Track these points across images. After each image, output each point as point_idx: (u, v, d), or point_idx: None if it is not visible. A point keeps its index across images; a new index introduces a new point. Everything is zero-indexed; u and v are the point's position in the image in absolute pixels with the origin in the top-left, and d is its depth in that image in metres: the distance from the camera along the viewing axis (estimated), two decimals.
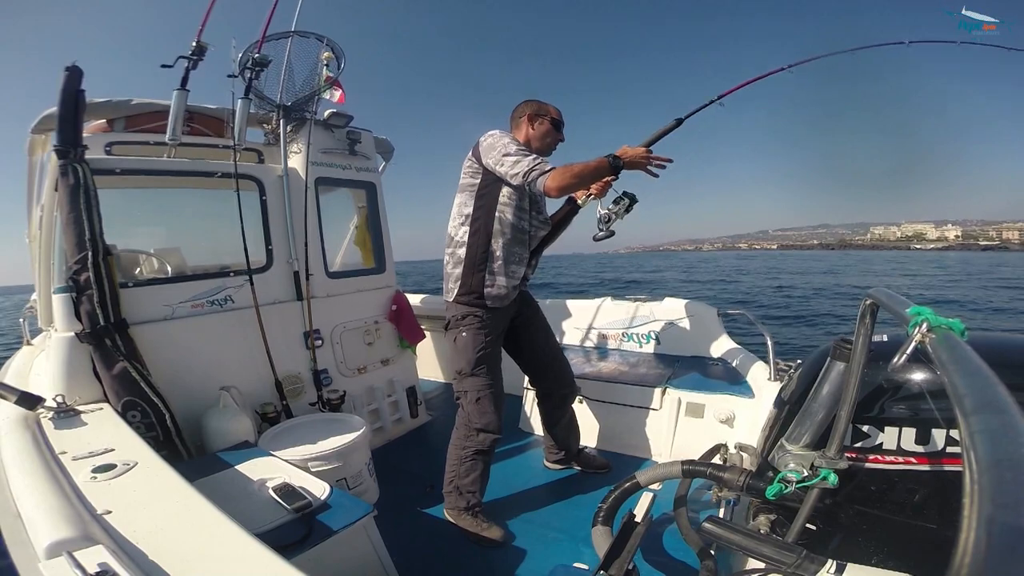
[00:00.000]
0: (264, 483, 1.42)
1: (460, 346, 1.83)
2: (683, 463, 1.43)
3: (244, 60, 2.27)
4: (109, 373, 1.73)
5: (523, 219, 1.83)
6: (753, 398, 2.12)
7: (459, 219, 1.83)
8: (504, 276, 1.81)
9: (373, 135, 3.00)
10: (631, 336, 3.03)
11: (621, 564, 1.20)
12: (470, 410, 1.83)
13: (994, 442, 0.38)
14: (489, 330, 1.83)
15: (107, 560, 0.73)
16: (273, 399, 2.25)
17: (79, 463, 1.13)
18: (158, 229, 2.91)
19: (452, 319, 1.86)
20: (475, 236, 1.79)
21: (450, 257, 1.86)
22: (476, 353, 1.81)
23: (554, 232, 2.04)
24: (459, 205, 1.84)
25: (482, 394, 1.82)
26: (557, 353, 2.17)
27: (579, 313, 3.27)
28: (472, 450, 1.84)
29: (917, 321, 0.67)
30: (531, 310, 2.08)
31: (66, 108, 1.75)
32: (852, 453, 1.07)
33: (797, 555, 0.96)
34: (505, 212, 1.79)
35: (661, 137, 1.85)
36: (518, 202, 1.80)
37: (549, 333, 2.15)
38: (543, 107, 1.88)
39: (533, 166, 1.66)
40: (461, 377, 1.85)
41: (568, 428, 2.23)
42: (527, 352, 2.10)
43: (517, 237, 1.83)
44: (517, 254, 1.85)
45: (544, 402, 2.18)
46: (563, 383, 2.15)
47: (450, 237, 1.86)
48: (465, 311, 1.82)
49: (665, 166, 1.75)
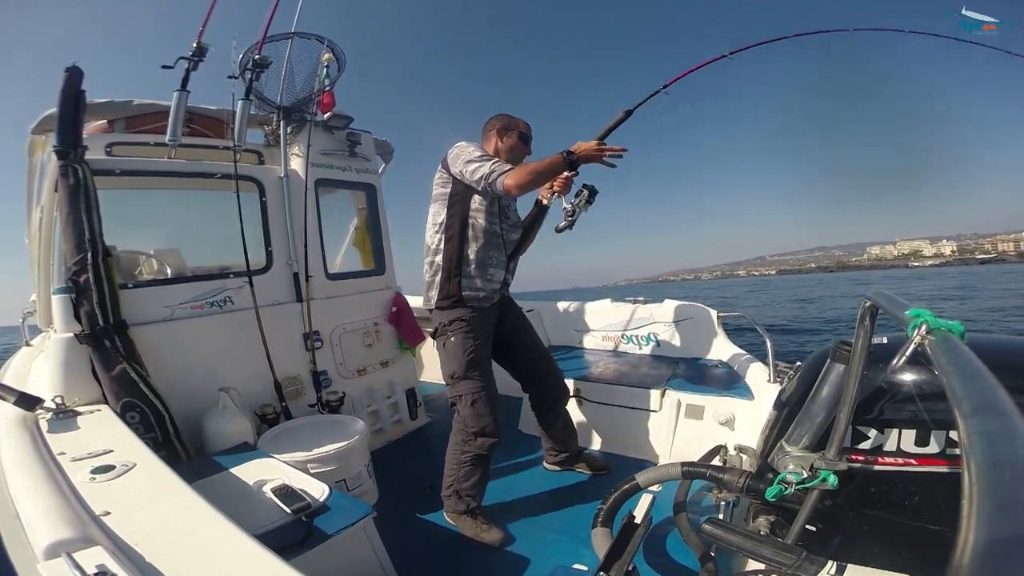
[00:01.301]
0: (263, 484, 1.42)
1: (450, 351, 1.84)
2: (683, 465, 1.43)
3: (244, 61, 2.27)
4: (108, 374, 1.73)
5: (493, 223, 1.87)
6: (753, 400, 2.12)
7: (433, 228, 1.86)
8: (481, 279, 1.85)
9: (373, 136, 3.00)
10: (631, 338, 3.03)
11: (621, 566, 1.19)
12: (466, 414, 1.83)
13: (993, 444, 0.38)
14: (477, 332, 1.85)
15: (106, 561, 0.73)
16: (272, 400, 2.24)
17: (78, 464, 1.13)
18: (158, 230, 2.91)
19: (439, 326, 1.88)
20: (450, 243, 1.82)
21: (428, 266, 1.89)
22: (467, 356, 1.82)
23: (526, 235, 2.06)
24: (433, 214, 1.88)
25: (477, 397, 1.82)
26: (545, 357, 2.17)
27: (579, 315, 3.27)
28: (471, 455, 1.83)
29: (916, 323, 0.68)
30: (514, 316, 2.10)
31: (66, 109, 1.75)
32: (852, 455, 1.07)
33: (797, 556, 0.96)
34: (477, 218, 1.83)
35: (612, 129, 1.92)
36: (488, 207, 1.84)
37: (535, 337, 2.16)
38: (512, 121, 1.94)
39: (492, 168, 1.72)
40: (454, 381, 1.85)
41: (565, 430, 2.24)
42: (515, 358, 2.11)
43: (491, 241, 1.86)
44: (493, 257, 1.88)
45: (537, 406, 2.19)
46: (554, 386, 2.16)
47: (427, 246, 1.90)
48: (450, 316, 1.83)
49: (621, 156, 1.79)
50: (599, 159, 1.77)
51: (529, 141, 1.97)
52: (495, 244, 1.88)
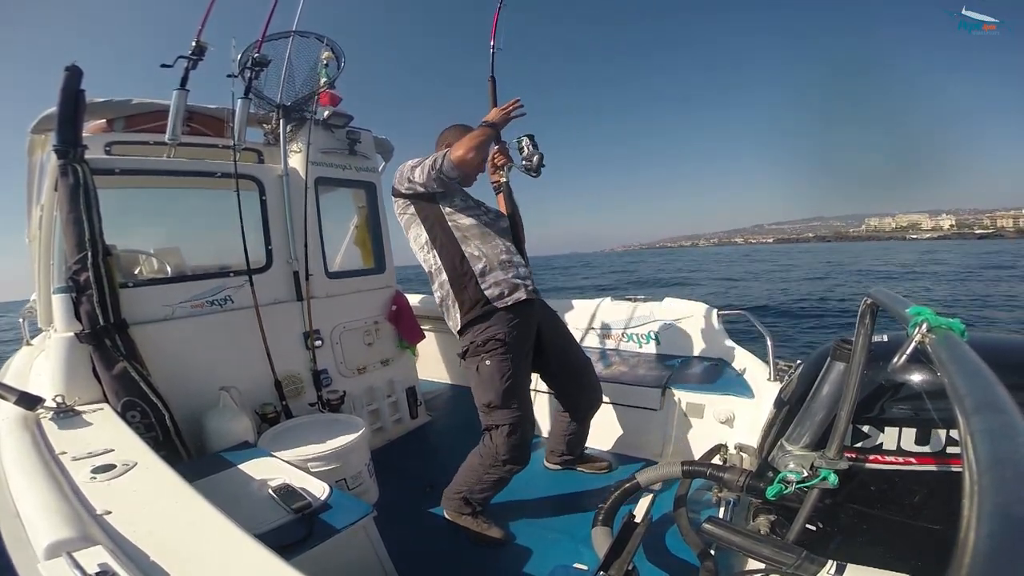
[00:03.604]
0: (264, 483, 1.42)
1: (484, 376, 1.71)
2: (683, 463, 1.43)
3: (244, 60, 2.27)
4: (109, 373, 1.73)
5: (472, 217, 1.82)
6: (753, 398, 2.12)
7: (423, 251, 1.83)
8: (500, 271, 1.76)
9: (373, 135, 3.00)
10: (631, 336, 3.03)
11: (621, 565, 1.20)
12: (499, 442, 1.72)
13: (994, 442, 0.38)
14: (515, 353, 1.72)
15: (106, 560, 0.73)
16: (273, 399, 2.24)
17: (79, 463, 1.13)
18: (158, 229, 2.91)
19: (471, 346, 1.74)
20: (443, 252, 1.78)
21: (438, 288, 1.82)
22: (504, 383, 1.69)
23: (512, 218, 1.99)
24: (414, 240, 1.85)
25: (514, 429, 1.71)
26: (587, 368, 2.05)
27: (579, 313, 3.27)
28: (495, 477, 1.78)
29: (917, 321, 0.67)
30: (550, 320, 1.99)
31: (66, 108, 1.75)
32: (852, 453, 1.07)
33: (797, 556, 0.96)
34: (457, 219, 1.79)
35: (494, 96, 2.01)
36: (461, 205, 1.81)
37: (574, 344, 2.05)
38: (465, 127, 1.87)
39: (434, 157, 1.70)
40: (489, 410, 1.73)
41: (576, 436, 2.19)
42: (552, 368, 2.00)
43: (484, 234, 1.80)
44: (496, 246, 1.80)
45: (571, 415, 2.11)
46: (590, 400, 2.08)
47: (428, 273, 1.85)
48: (485, 335, 1.71)
49: (521, 105, 1.78)
50: (508, 115, 1.77)
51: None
52: (490, 236, 1.81)
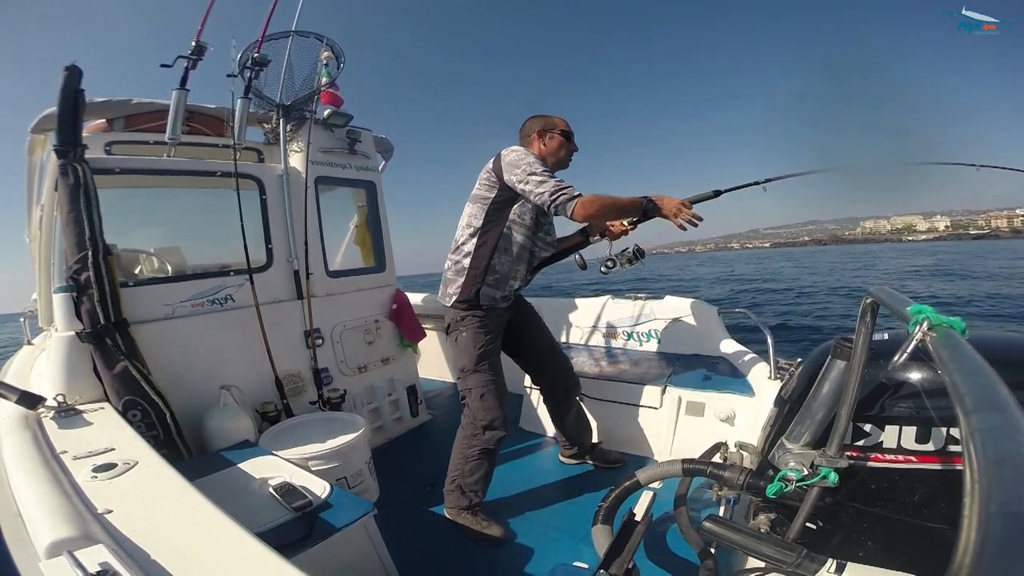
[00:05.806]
0: (264, 482, 1.42)
1: (462, 345, 1.87)
2: (683, 462, 1.43)
3: (244, 59, 2.27)
4: (110, 372, 1.73)
5: (529, 239, 1.86)
6: (753, 397, 2.12)
7: (468, 229, 1.84)
8: (499, 289, 1.86)
9: (373, 134, 3.00)
10: (632, 334, 3.03)
11: (621, 563, 1.19)
12: (475, 407, 1.84)
13: (995, 441, 0.38)
14: (488, 328, 1.87)
15: (108, 559, 0.73)
16: (273, 398, 2.25)
17: (80, 462, 1.13)
18: (158, 228, 2.91)
19: (452, 321, 1.91)
20: (481, 249, 1.81)
21: (453, 264, 1.88)
22: (478, 350, 1.84)
23: (556, 257, 2.08)
24: (470, 215, 1.85)
25: (486, 390, 1.84)
26: (555, 348, 2.21)
27: (580, 312, 3.27)
28: (479, 449, 1.84)
29: (918, 320, 0.67)
30: (524, 310, 2.13)
31: (66, 108, 1.75)
32: (852, 452, 1.07)
33: (797, 554, 0.96)
34: (513, 230, 1.82)
35: (698, 201, 1.86)
36: (528, 222, 1.83)
37: (544, 329, 2.19)
38: (550, 121, 1.89)
39: (561, 188, 1.65)
40: (465, 375, 1.88)
41: (578, 422, 2.25)
42: (526, 350, 2.14)
43: (520, 255, 1.86)
44: (517, 272, 1.89)
45: (549, 398, 2.21)
46: (564, 376, 2.18)
47: (456, 243, 1.88)
48: (464, 313, 1.86)
49: (696, 224, 1.74)
50: (674, 217, 1.72)
51: (572, 137, 1.91)
52: (523, 258, 1.88)
